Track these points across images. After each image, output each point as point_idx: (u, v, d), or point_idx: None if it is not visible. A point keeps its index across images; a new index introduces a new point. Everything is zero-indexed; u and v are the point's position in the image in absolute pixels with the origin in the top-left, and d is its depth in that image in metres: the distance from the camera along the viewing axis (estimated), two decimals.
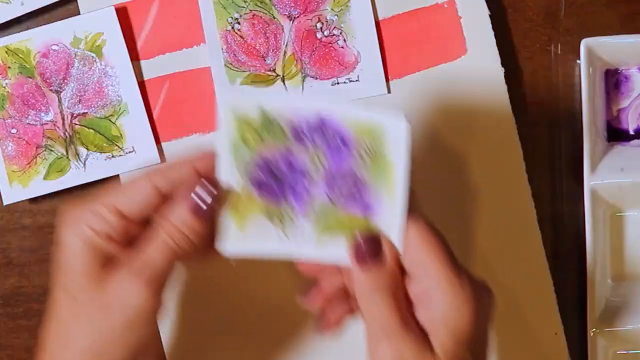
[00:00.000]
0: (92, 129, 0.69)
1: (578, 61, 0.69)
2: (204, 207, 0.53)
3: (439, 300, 0.52)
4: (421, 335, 0.52)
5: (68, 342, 0.53)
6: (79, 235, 0.53)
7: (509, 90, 0.70)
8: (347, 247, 0.54)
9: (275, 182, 0.55)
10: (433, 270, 0.52)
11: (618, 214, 0.71)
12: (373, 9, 0.70)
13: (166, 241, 0.53)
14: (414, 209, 0.54)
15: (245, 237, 0.55)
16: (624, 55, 0.70)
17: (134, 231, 0.54)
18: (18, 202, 0.70)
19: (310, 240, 0.55)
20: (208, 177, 0.54)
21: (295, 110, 0.53)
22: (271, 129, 0.54)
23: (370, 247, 0.53)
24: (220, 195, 0.54)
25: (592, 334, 0.68)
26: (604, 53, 0.69)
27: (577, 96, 0.70)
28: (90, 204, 0.54)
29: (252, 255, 0.55)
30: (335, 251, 0.55)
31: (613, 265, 0.71)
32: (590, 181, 0.68)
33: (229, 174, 0.55)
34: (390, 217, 0.54)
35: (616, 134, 0.71)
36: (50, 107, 0.69)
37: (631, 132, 0.71)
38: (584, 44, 0.67)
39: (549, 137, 0.71)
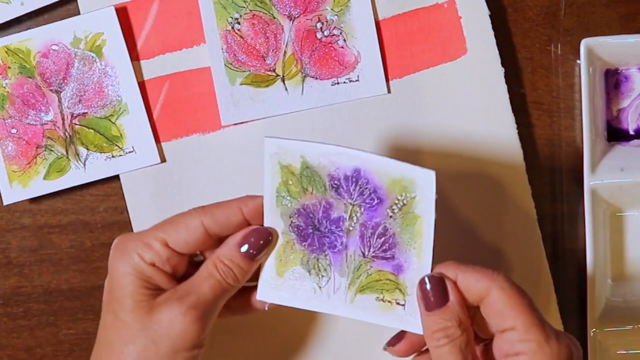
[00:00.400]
0: (92, 129, 0.69)
1: (578, 61, 0.69)
2: (253, 250, 0.58)
3: (523, 352, 0.53)
4: None
5: None
6: (128, 262, 0.57)
7: (509, 90, 0.70)
8: (376, 307, 0.57)
9: (313, 232, 0.58)
10: (518, 325, 0.53)
11: (618, 214, 0.71)
12: (373, 9, 0.70)
13: (215, 275, 0.57)
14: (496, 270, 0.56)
15: (282, 283, 0.59)
16: (624, 55, 0.69)
17: (179, 264, 0.59)
18: (17, 202, 0.70)
19: (342, 297, 0.58)
20: (257, 223, 0.59)
21: (335, 163, 0.56)
22: (312, 180, 0.57)
23: (436, 290, 0.55)
24: (268, 241, 0.58)
25: (592, 334, 0.68)
26: (604, 53, 0.69)
27: (577, 96, 0.71)
28: (142, 235, 0.58)
29: (286, 304, 0.59)
30: (365, 311, 0.58)
31: (613, 265, 0.71)
32: (590, 181, 0.68)
33: (272, 220, 0.58)
34: (417, 275, 0.56)
35: (616, 134, 0.71)
36: (50, 107, 0.69)
37: (631, 132, 0.71)
38: (584, 44, 0.67)
39: (548, 137, 0.71)
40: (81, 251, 0.71)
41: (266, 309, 0.61)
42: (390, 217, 0.56)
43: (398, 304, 0.57)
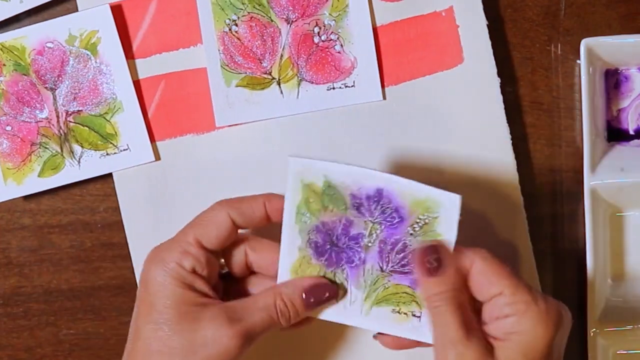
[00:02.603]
0: (87, 126, 0.69)
1: (578, 61, 0.69)
2: (316, 302, 0.59)
3: (512, 314, 0.55)
4: (485, 346, 0.55)
5: None
6: (168, 272, 0.57)
7: (508, 90, 0.70)
8: (392, 318, 0.59)
9: (331, 248, 0.59)
10: (505, 290, 0.55)
11: (618, 214, 0.70)
12: (371, 15, 0.70)
13: (270, 310, 0.58)
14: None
15: None
16: (624, 55, 0.69)
17: (214, 266, 0.60)
18: (17, 202, 0.71)
19: (358, 309, 0.59)
20: (278, 220, 0.59)
21: (358, 183, 0.57)
22: (333, 198, 0.58)
23: (432, 255, 0.56)
24: (334, 297, 0.59)
25: (592, 334, 0.68)
26: (604, 53, 0.68)
27: (577, 96, 0.70)
28: (176, 243, 0.58)
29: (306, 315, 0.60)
30: (380, 322, 0.59)
31: (613, 265, 0.70)
32: (590, 181, 0.67)
33: (290, 235, 0.59)
34: None
35: (616, 134, 0.70)
36: (45, 105, 0.69)
37: (631, 132, 0.71)
38: (584, 44, 0.67)
39: (548, 137, 0.70)
40: (81, 251, 0.72)
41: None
42: (411, 234, 0.57)
43: (414, 315, 0.59)
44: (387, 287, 0.58)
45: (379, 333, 0.61)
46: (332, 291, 0.59)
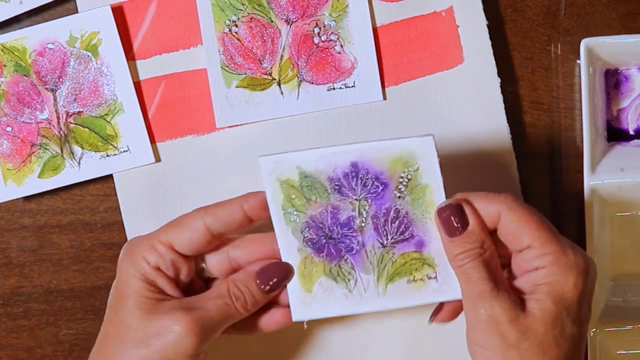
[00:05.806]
0: (87, 127, 0.69)
1: (578, 61, 0.69)
2: (269, 284, 0.58)
3: (542, 266, 0.55)
4: (514, 299, 0.54)
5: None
6: (134, 265, 0.58)
7: (508, 90, 0.70)
8: (410, 289, 0.58)
9: (327, 241, 0.58)
10: (534, 242, 0.55)
11: (618, 214, 0.70)
12: (371, 16, 0.70)
13: (224, 297, 0.58)
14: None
15: (313, 298, 0.59)
16: (624, 55, 0.69)
17: (183, 269, 0.60)
18: (17, 202, 0.71)
19: (374, 293, 0.58)
20: (258, 218, 0.60)
21: (331, 164, 0.57)
22: (312, 188, 0.58)
23: (456, 216, 0.56)
24: (285, 278, 0.59)
25: (592, 334, 0.68)
26: (604, 53, 0.68)
27: (577, 96, 0.70)
28: (149, 238, 0.59)
29: (322, 316, 0.59)
30: (400, 298, 0.58)
31: (613, 265, 0.70)
32: (590, 181, 0.67)
33: (286, 239, 0.59)
34: (440, 243, 0.58)
35: (616, 134, 0.71)
36: (45, 106, 0.69)
37: (631, 132, 0.71)
38: (584, 44, 0.67)
39: (548, 137, 0.71)
40: (81, 251, 0.72)
41: (305, 327, 0.61)
42: (399, 197, 0.57)
43: (430, 278, 0.58)
44: (395, 260, 0.58)
45: (433, 316, 0.60)
46: (283, 271, 0.59)
